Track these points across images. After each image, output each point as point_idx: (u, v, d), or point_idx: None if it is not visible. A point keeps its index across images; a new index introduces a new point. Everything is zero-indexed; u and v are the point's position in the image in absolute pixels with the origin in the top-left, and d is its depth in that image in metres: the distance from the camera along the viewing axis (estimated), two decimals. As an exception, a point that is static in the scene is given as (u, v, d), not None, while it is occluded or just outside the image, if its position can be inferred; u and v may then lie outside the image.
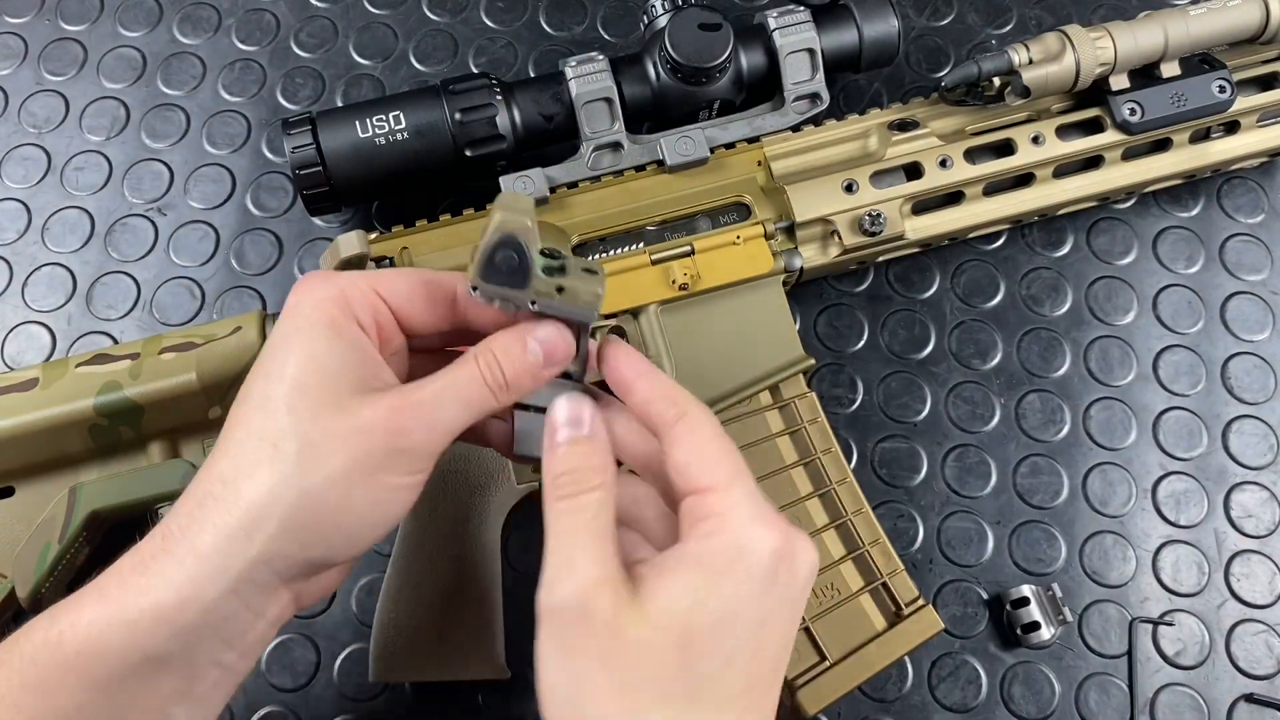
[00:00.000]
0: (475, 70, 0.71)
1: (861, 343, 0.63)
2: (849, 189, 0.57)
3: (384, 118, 0.55)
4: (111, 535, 0.56)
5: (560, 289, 0.41)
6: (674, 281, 0.55)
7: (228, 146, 0.69)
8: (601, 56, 0.57)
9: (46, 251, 0.66)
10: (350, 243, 0.51)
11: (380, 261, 0.54)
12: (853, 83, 0.69)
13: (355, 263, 0.52)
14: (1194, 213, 0.67)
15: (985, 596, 0.58)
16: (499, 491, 0.53)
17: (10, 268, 0.66)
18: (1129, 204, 0.67)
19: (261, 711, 0.56)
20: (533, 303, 0.41)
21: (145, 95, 0.71)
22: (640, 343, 0.55)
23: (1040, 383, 0.63)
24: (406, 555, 0.52)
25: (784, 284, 0.57)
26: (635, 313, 0.56)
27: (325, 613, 0.57)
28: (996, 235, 0.66)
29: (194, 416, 0.54)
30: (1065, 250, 0.66)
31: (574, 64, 0.57)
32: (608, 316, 0.55)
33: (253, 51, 0.72)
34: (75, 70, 0.71)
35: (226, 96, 0.70)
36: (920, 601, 0.53)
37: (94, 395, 0.53)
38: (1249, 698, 0.57)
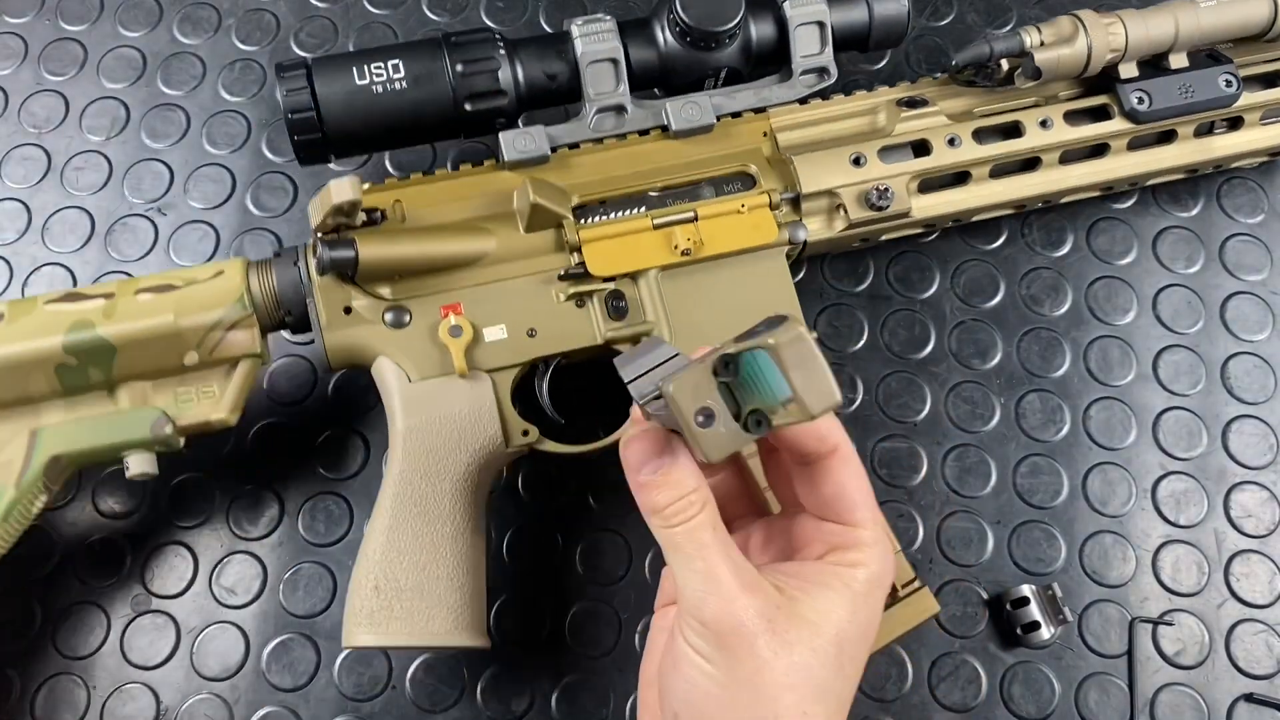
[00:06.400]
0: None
1: (861, 342, 0.63)
2: (856, 162, 0.57)
3: (382, 65, 0.54)
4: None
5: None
6: (676, 247, 0.54)
7: (228, 146, 0.69)
8: (609, 17, 0.56)
9: (46, 251, 0.66)
10: (342, 189, 0.49)
11: (371, 214, 0.53)
12: (853, 82, 0.69)
13: (346, 210, 0.50)
14: (1194, 213, 0.67)
15: (985, 596, 0.58)
16: (488, 453, 0.52)
17: (10, 268, 0.66)
18: (1129, 204, 0.67)
19: (261, 711, 0.56)
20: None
21: (145, 95, 0.71)
22: (639, 307, 0.55)
23: (1040, 382, 0.63)
24: (390, 514, 0.51)
25: (788, 257, 0.57)
26: (635, 276, 0.55)
27: (325, 613, 0.57)
28: (997, 234, 0.66)
29: (168, 362, 0.52)
30: (1065, 250, 0.66)
31: (580, 22, 0.56)
32: (606, 280, 0.54)
33: (253, 51, 0.72)
34: (75, 70, 0.71)
35: (226, 96, 0.70)
36: (917, 583, 0.52)
37: (63, 333, 0.50)
38: (1249, 697, 0.57)
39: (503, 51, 0.55)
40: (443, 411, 0.52)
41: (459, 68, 0.54)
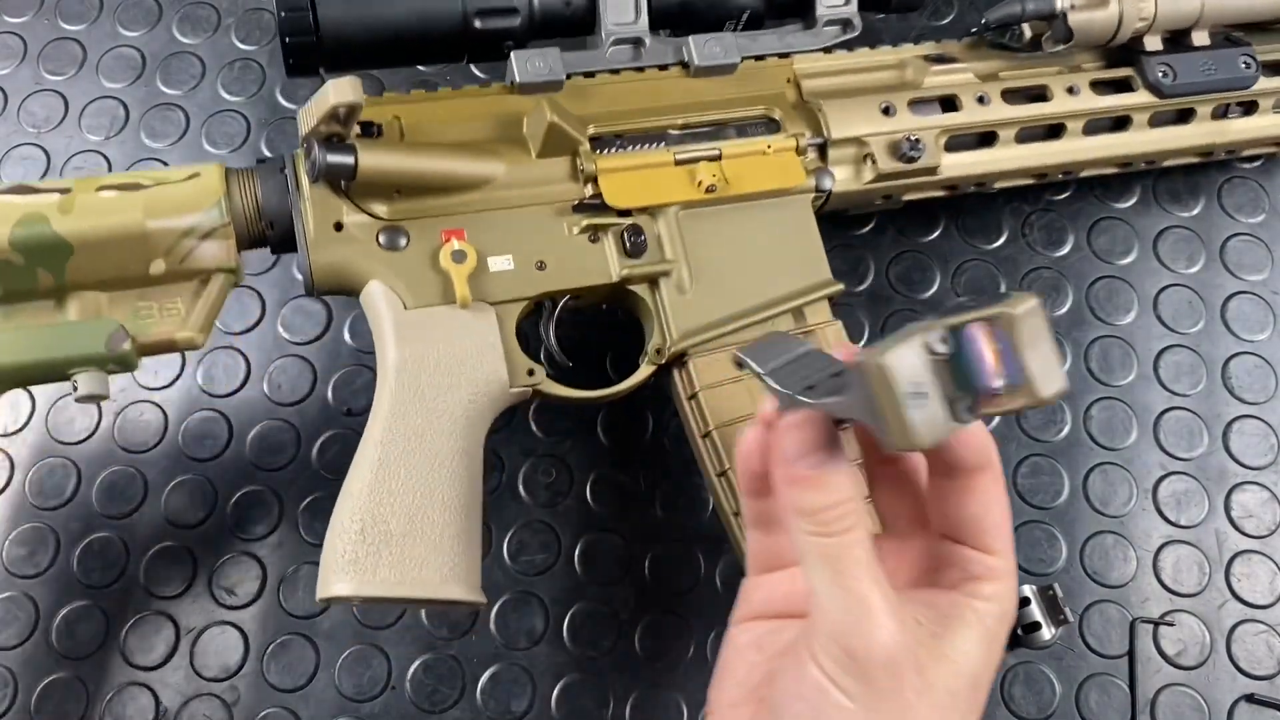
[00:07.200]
0: (475, 70, 0.70)
1: (862, 343, 0.63)
2: (886, 111, 0.56)
3: None
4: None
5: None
6: (700, 183, 0.52)
7: (227, 146, 0.69)
8: None
9: (46, 251, 0.66)
10: (341, 89, 0.44)
11: (368, 127, 0.50)
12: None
13: (344, 117, 0.45)
14: (1195, 212, 0.67)
15: (986, 597, 0.58)
16: (491, 391, 0.49)
17: (9, 267, 0.66)
18: (1130, 203, 0.67)
19: (261, 712, 0.56)
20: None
21: (145, 95, 0.70)
22: (657, 245, 0.52)
23: (1041, 382, 0.63)
24: (380, 449, 0.47)
25: (813, 205, 0.55)
26: (654, 212, 0.52)
27: (324, 613, 0.57)
28: (997, 234, 0.66)
29: (131, 270, 0.47)
30: (1066, 250, 0.66)
31: None
32: (622, 214, 0.51)
33: (252, 51, 0.72)
34: (74, 70, 0.71)
35: (226, 96, 0.70)
36: None
37: (10, 226, 0.44)
38: (1250, 698, 0.57)
39: None
40: (442, 342, 0.48)
41: None
